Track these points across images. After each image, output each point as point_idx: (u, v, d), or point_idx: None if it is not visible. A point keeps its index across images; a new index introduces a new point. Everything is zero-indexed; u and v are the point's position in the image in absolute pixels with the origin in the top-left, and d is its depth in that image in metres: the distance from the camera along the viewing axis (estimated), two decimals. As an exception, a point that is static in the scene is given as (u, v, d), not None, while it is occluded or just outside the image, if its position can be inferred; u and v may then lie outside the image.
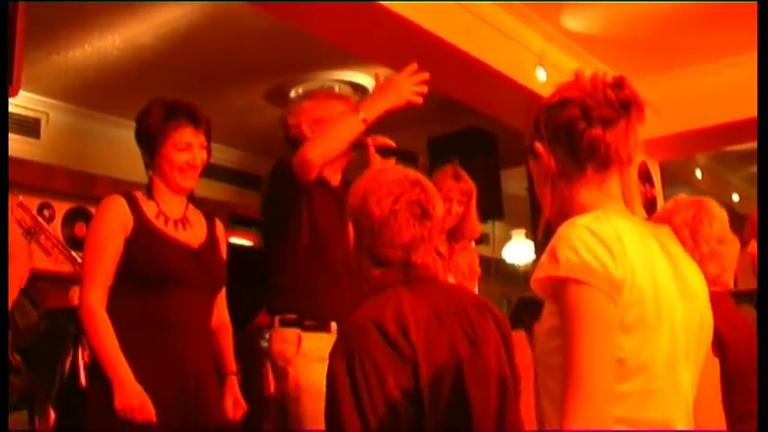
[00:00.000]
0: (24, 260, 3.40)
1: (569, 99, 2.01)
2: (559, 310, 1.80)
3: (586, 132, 1.97)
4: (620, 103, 1.98)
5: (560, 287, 1.80)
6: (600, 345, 1.74)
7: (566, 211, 1.96)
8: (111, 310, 3.14)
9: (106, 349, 3.04)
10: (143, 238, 3.19)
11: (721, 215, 3.09)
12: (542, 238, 2.00)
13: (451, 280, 4.45)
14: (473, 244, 4.93)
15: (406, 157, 3.98)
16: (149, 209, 3.28)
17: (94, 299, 3.09)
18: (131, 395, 3.00)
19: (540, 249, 9.17)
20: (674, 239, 2.08)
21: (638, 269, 1.82)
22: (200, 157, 3.36)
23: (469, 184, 4.66)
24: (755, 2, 3.33)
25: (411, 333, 2.31)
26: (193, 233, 3.35)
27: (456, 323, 2.44)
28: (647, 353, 1.83)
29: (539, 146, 2.06)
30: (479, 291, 4.74)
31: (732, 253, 3.09)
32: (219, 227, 3.51)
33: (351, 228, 2.60)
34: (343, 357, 2.32)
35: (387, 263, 2.53)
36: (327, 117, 3.73)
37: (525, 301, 7.85)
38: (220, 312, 3.50)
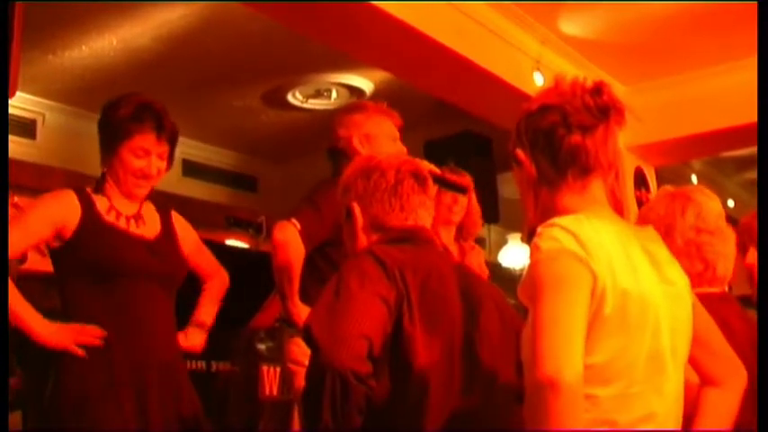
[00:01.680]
0: None
1: (549, 105, 2.02)
2: (533, 287, 1.80)
3: (566, 139, 1.98)
4: (598, 109, 1.98)
5: (536, 269, 1.82)
6: (568, 305, 1.75)
7: (548, 217, 1.96)
8: (73, 307, 3.10)
9: (20, 307, 2.98)
10: (92, 232, 3.12)
11: (704, 202, 2.74)
12: (528, 243, 2.01)
13: None
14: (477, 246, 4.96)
15: (450, 185, 4.01)
16: (101, 204, 3.21)
17: None
18: (51, 331, 2.99)
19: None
20: (658, 240, 2.08)
21: (620, 272, 1.84)
22: (156, 166, 3.24)
23: (468, 178, 4.66)
24: (755, 2, 3.33)
25: (407, 275, 2.34)
26: (147, 228, 3.27)
27: (454, 283, 2.47)
28: (629, 356, 1.84)
29: (520, 152, 2.08)
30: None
31: (719, 245, 2.71)
32: (177, 219, 3.43)
33: (355, 208, 2.62)
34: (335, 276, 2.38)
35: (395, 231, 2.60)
36: (377, 133, 3.75)
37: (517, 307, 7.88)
38: (208, 266, 3.51)
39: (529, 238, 1.95)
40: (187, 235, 3.44)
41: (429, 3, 5.39)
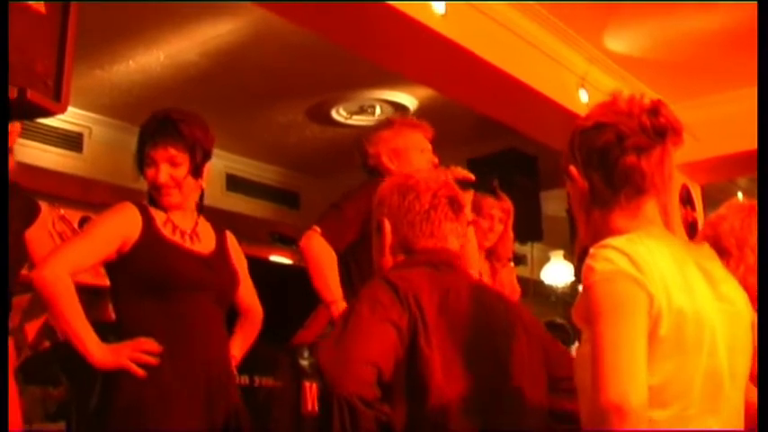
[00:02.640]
0: None
1: (604, 123, 1.99)
2: (590, 310, 1.78)
3: (621, 159, 1.95)
4: (655, 131, 1.95)
5: (593, 291, 1.79)
6: (629, 328, 1.73)
7: (600, 237, 1.93)
8: (128, 320, 3.13)
9: (69, 316, 2.98)
10: (151, 245, 3.15)
11: None
12: (579, 263, 1.98)
13: None
14: (511, 263, 4.94)
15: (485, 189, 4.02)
16: (158, 217, 3.23)
17: (64, 270, 2.99)
18: (105, 352, 2.98)
19: (577, 273, 9.10)
20: (713, 257, 2.05)
21: (675, 292, 1.81)
22: (166, 173, 3.22)
23: (509, 203, 4.68)
24: (755, 2, 3.31)
25: (422, 298, 2.33)
26: (202, 245, 3.30)
27: (476, 305, 2.46)
28: (686, 377, 1.81)
29: (573, 169, 2.04)
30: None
31: None
32: (231, 238, 3.47)
33: (386, 226, 2.60)
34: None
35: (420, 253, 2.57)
36: (405, 147, 3.75)
37: (554, 325, 7.84)
38: (248, 299, 3.50)
39: (580, 257, 1.93)
40: (239, 260, 3.46)
41: (474, 20, 5.39)
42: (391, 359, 2.22)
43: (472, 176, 3.81)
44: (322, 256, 3.59)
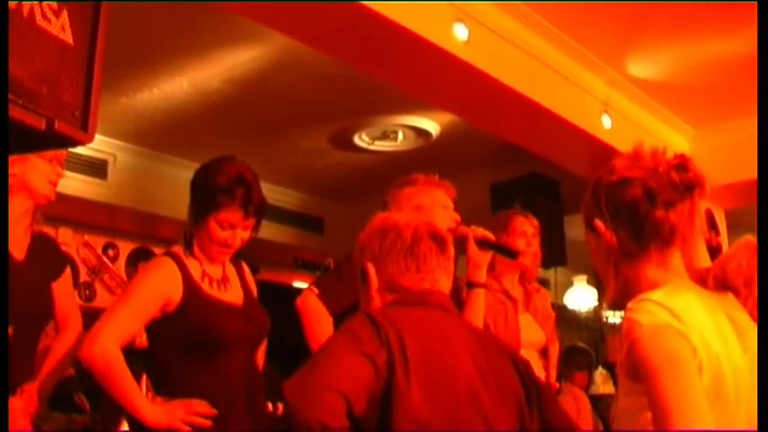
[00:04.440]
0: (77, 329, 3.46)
1: (631, 179, 2.00)
2: (641, 365, 1.77)
3: (650, 214, 1.97)
4: (683, 186, 1.97)
5: (641, 345, 1.78)
6: (688, 381, 1.72)
7: (631, 290, 1.94)
8: (177, 381, 3.14)
9: (123, 389, 3.03)
10: (195, 306, 3.17)
11: None
12: (610, 313, 1.97)
13: (530, 320, 4.45)
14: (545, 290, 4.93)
15: (504, 251, 4.00)
16: (194, 269, 3.26)
17: (113, 343, 3.03)
18: (158, 414, 3.02)
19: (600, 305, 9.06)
20: (739, 307, 2.06)
21: (713, 344, 1.81)
22: (240, 237, 3.31)
23: (536, 221, 4.66)
24: (755, 2, 3.31)
25: (405, 337, 2.25)
26: (234, 291, 3.35)
27: (465, 348, 2.39)
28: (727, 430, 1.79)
29: (599, 224, 2.05)
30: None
31: None
32: (246, 271, 3.51)
33: (370, 269, 2.54)
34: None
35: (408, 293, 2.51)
36: (429, 204, 3.74)
37: (577, 350, 7.82)
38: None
39: (612, 308, 1.94)
40: (254, 287, 3.53)
41: (496, 46, 5.41)
42: (363, 392, 2.13)
43: (492, 236, 3.80)
44: (316, 316, 3.60)
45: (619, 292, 1.98)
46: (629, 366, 1.81)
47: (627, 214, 1.99)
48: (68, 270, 3.49)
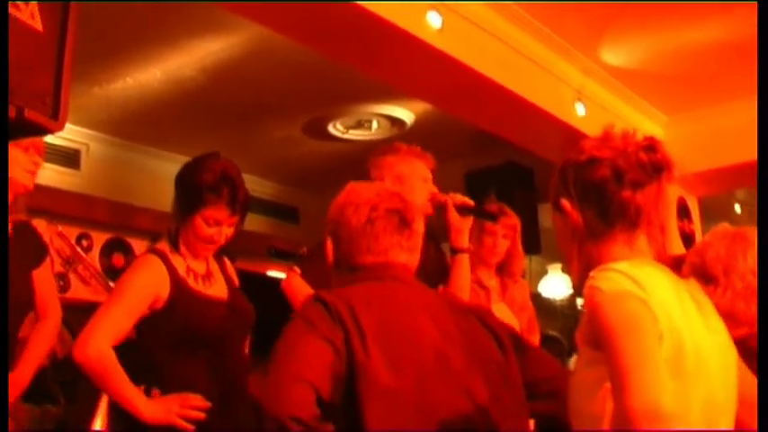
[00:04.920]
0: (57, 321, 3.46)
1: (600, 159, 2.01)
2: (601, 330, 1.77)
3: (617, 194, 1.98)
4: (652, 167, 1.98)
5: (601, 310, 1.78)
6: (647, 345, 1.72)
7: (595, 267, 1.93)
8: (169, 374, 3.16)
9: (118, 387, 3.07)
10: (183, 302, 3.20)
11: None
12: (576, 294, 1.98)
13: (504, 310, 4.46)
14: (524, 280, 4.96)
15: (483, 214, 4.04)
16: (179, 266, 3.28)
17: (106, 344, 3.06)
18: (155, 409, 3.05)
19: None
20: (702, 292, 2.07)
21: (675, 317, 1.82)
22: (225, 233, 3.35)
23: (514, 219, 4.69)
24: (755, 2, 3.33)
25: (359, 312, 2.25)
26: (218, 285, 3.38)
27: (428, 319, 2.37)
28: (683, 405, 1.80)
29: (566, 203, 2.06)
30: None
31: None
32: (228, 264, 3.54)
33: (328, 244, 2.56)
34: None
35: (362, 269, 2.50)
36: (409, 174, 3.75)
37: (549, 338, 7.85)
38: None
39: (577, 288, 1.94)
40: (236, 279, 3.54)
41: (470, 34, 5.41)
42: (328, 377, 2.15)
43: (471, 202, 3.83)
44: (303, 295, 3.62)
45: (583, 271, 1.99)
46: (590, 334, 1.81)
47: (594, 194, 2.00)
48: (49, 259, 3.48)
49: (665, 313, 1.79)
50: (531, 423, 2.94)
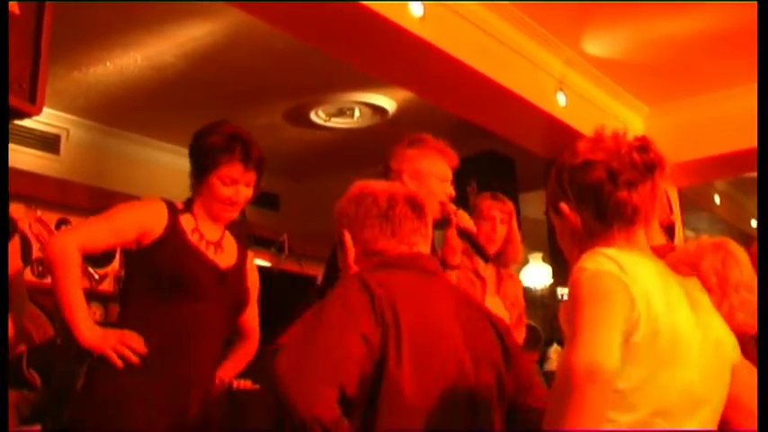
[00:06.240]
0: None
1: (594, 161, 2.05)
2: (573, 302, 1.82)
3: (613, 194, 2.02)
4: (645, 166, 2.02)
5: (578, 284, 1.83)
6: (608, 312, 1.77)
7: None
8: (131, 312, 3.13)
9: (67, 287, 2.98)
10: (172, 245, 3.16)
11: (747, 260, 2.86)
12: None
13: (498, 304, 4.42)
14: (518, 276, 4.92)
15: (478, 250, 4.00)
16: (186, 223, 3.25)
17: (74, 243, 3.02)
18: (94, 334, 2.99)
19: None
20: (703, 291, 2.10)
21: (655, 303, 1.85)
22: (243, 194, 3.35)
23: (509, 205, 4.63)
24: (755, 2, 3.33)
25: (399, 306, 2.25)
26: (224, 257, 3.31)
27: (454, 320, 2.40)
28: (655, 388, 1.84)
29: (564, 206, 2.10)
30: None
31: (756, 299, 2.75)
32: (251, 259, 3.50)
33: (346, 237, 2.55)
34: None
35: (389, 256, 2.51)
36: (428, 172, 3.67)
37: (529, 328, 7.85)
38: (251, 323, 3.49)
39: None
40: (253, 281, 3.48)
41: (451, 22, 5.40)
42: (356, 375, 2.13)
43: (474, 229, 3.78)
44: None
45: None
46: (569, 309, 1.84)
47: (591, 196, 2.05)
48: (17, 238, 3.45)
49: (644, 299, 1.82)
50: None
